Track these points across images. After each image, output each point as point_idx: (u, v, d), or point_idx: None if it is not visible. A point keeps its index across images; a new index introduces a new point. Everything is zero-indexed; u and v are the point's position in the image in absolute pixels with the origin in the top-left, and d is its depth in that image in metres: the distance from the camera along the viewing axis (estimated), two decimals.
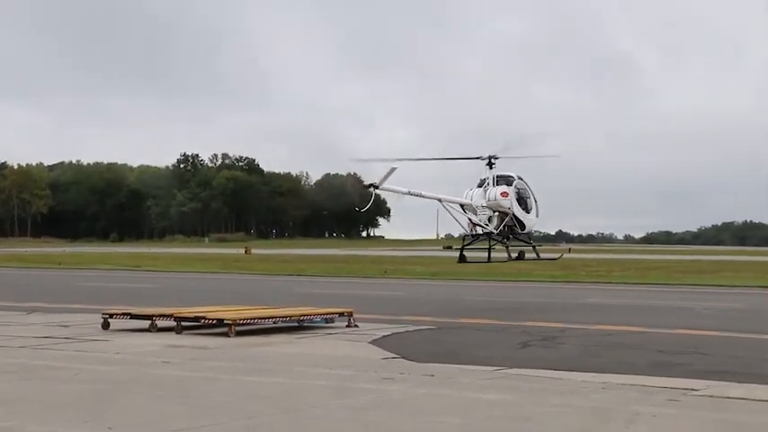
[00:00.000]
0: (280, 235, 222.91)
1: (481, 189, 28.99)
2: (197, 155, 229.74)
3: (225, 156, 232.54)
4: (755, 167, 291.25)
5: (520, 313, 23.05)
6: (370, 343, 15.82)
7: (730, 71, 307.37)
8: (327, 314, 18.93)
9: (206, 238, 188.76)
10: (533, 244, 29.93)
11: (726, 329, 18.89)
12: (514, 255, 29.91)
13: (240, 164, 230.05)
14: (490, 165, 29.06)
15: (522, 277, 45.54)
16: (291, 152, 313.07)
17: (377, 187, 26.88)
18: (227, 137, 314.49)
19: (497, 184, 28.71)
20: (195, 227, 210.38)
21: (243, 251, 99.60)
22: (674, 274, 50.80)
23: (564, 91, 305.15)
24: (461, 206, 29.09)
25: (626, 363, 13.62)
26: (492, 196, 28.58)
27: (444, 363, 13.19)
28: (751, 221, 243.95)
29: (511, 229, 28.99)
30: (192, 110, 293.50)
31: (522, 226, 29.13)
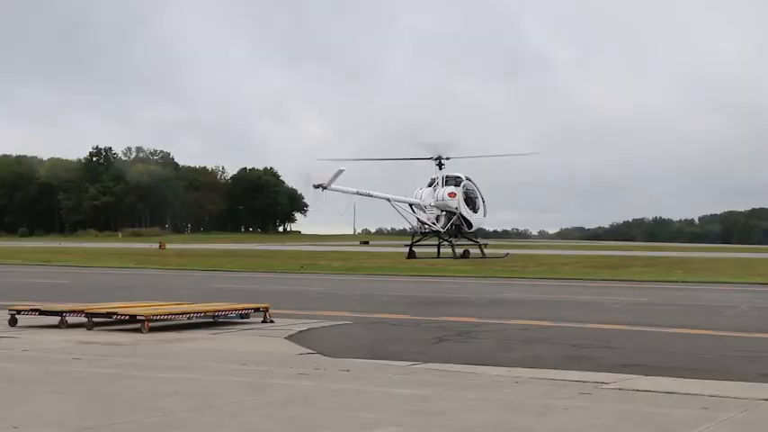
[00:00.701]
0: (195, 229, 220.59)
1: (430, 189, 29.57)
2: (110, 148, 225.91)
3: (139, 149, 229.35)
4: (666, 165, 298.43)
5: (436, 308, 23.23)
6: (285, 338, 15.76)
7: (643, 69, 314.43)
8: (243, 309, 18.79)
9: (119, 233, 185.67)
10: (480, 243, 30.50)
11: (635, 323, 19.35)
12: (460, 252, 30.47)
13: (155, 157, 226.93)
14: (440, 165, 29.59)
15: (438, 273, 45.92)
16: (207, 146, 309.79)
17: (326, 188, 27.16)
18: (142, 130, 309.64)
19: (446, 185, 29.24)
20: (108, 221, 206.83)
21: (157, 246, 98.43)
22: (586, 269, 51.78)
23: (480, 87, 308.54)
24: (410, 205, 29.55)
25: (539, 357, 13.83)
26: (440, 196, 29.21)
27: (360, 358, 13.21)
28: (660, 218, 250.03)
29: (458, 228, 29.64)
30: (106, 102, 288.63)
31: (470, 225, 29.78)
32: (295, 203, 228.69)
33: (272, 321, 18.37)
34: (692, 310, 24.31)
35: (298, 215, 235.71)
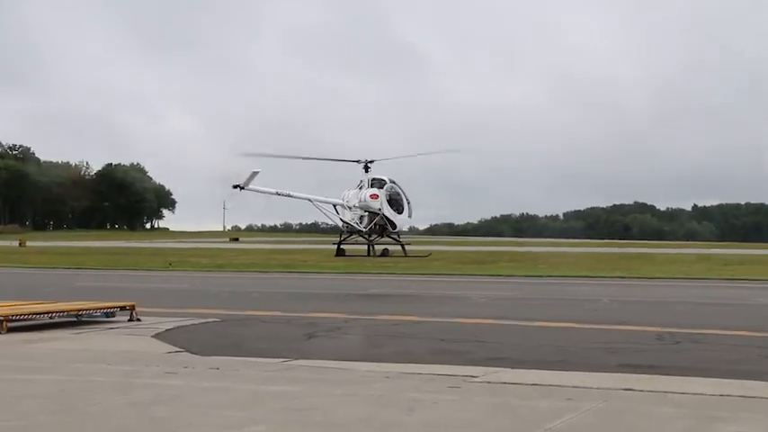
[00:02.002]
0: (58, 227, 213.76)
1: (356, 190, 30.46)
2: None
3: None
4: (532, 162, 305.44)
5: (306, 304, 23.18)
6: (152, 337, 15.45)
7: (511, 67, 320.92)
8: (108, 308, 18.32)
9: None
10: (401, 242, 31.45)
11: (502, 317, 19.74)
12: (381, 249, 31.45)
13: (13, 152, 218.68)
14: (366, 168, 30.64)
15: (310, 269, 45.89)
16: (70, 141, 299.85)
17: (243, 188, 27.30)
18: None
19: (371, 187, 30.29)
20: None
21: (17, 244, 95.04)
22: (455, 264, 52.62)
23: (352, 82, 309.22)
24: (334, 206, 30.36)
25: (408, 352, 13.95)
26: (363, 198, 30.17)
27: (229, 355, 13.06)
28: (527, 214, 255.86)
29: (383, 228, 30.55)
30: None
31: (393, 225, 30.77)
32: (163, 200, 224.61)
33: (138, 320, 18.00)
34: (557, 304, 24.98)
35: (166, 212, 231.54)
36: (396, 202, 30.92)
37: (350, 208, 30.37)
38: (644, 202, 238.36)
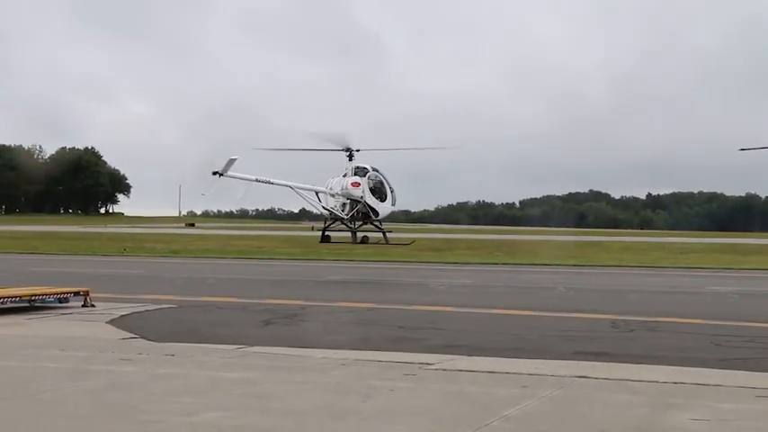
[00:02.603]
0: (10, 211, 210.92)
1: (339, 178, 30.65)
2: None
3: None
4: (489, 150, 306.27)
5: (263, 291, 23.09)
6: (107, 323, 15.30)
7: (469, 55, 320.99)
8: (61, 293, 18.09)
9: None
10: (383, 229, 31.59)
11: (458, 305, 19.81)
12: (361, 235, 31.66)
13: None
14: (350, 157, 30.85)
15: (266, 255, 45.71)
16: (23, 124, 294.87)
17: (222, 175, 27.24)
18: None
19: (355, 175, 30.52)
20: None
21: None
22: (412, 251, 52.62)
23: (312, 68, 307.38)
24: (316, 193, 30.51)
25: (365, 339, 13.94)
26: (345, 185, 30.40)
27: (185, 342, 12.97)
28: (483, 201, 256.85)
29: (366, 216, 30.80)
30: None
31: (376, 213, 30.99)
32: (117, 184, 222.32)
33: (93, 305, 17.81)
34: (513, 292, 25.12)
35: (121, 196, 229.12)
36: (378, 191, 31.20)
37: (333, 195, 30.64)
38: (599, 191, 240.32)
